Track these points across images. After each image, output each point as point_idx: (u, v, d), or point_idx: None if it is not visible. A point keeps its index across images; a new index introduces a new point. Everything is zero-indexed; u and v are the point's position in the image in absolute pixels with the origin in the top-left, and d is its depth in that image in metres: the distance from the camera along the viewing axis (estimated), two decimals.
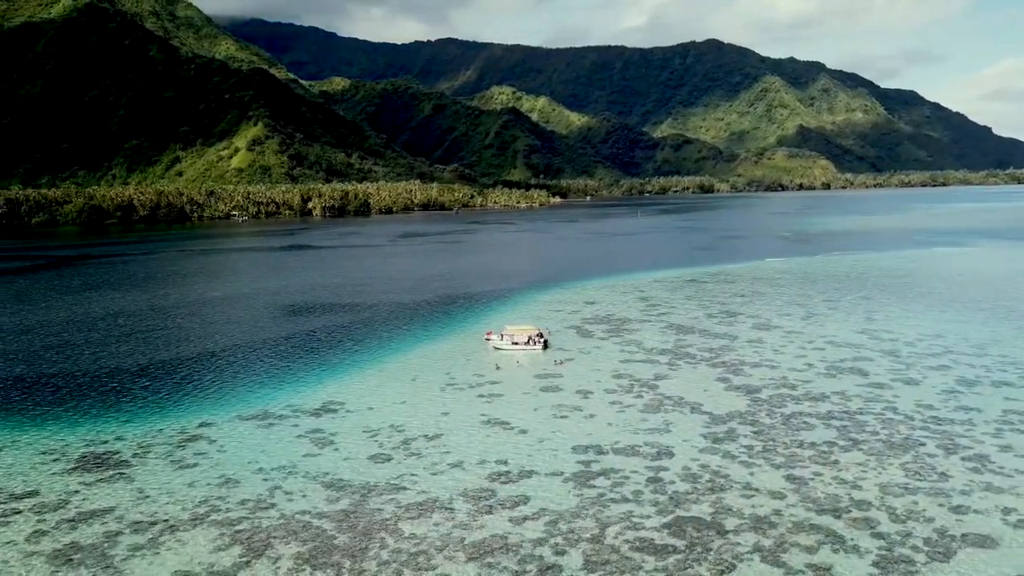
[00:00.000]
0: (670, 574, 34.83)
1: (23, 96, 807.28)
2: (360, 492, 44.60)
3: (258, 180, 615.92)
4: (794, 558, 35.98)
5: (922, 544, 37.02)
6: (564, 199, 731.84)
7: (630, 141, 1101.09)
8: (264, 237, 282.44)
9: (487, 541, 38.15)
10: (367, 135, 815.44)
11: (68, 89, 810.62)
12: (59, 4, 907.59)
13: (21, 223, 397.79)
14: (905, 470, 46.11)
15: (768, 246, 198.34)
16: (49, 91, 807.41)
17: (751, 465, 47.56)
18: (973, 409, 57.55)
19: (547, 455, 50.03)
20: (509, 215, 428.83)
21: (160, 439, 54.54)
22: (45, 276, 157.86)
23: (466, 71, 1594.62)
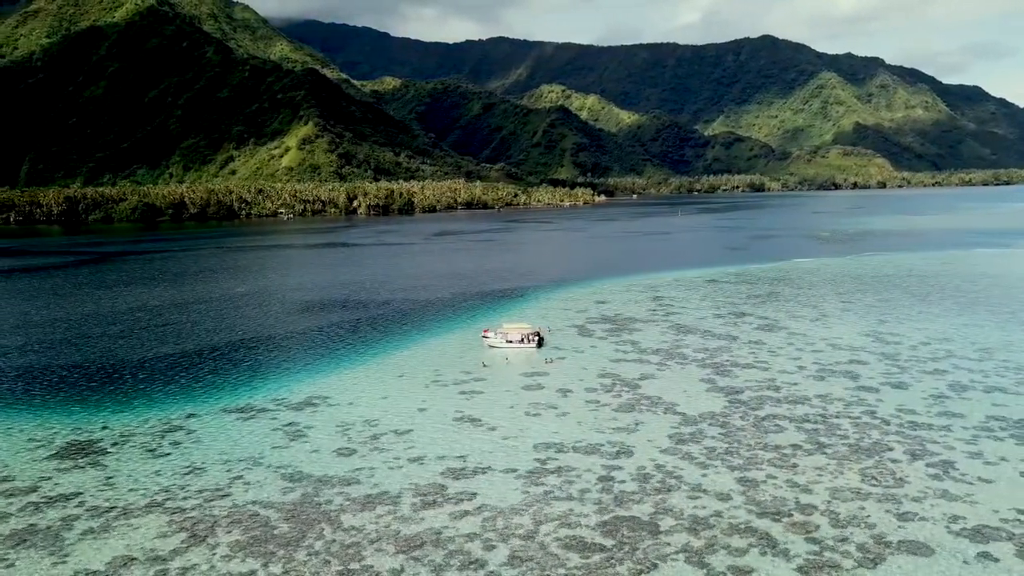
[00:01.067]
0: (590, 572, 35.05)
1: (87, 97, 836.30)
2: (315, 484, 45.73)
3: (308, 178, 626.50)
4: (719, 560, 35.85)
5: (854, 550, 36.51)
6: (611, 197, 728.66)
7: (680, 139, 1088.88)
8: (303, 235, 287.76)
9: (420, 535, 38.86)
10: (415, 134, 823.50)
11: (129, 90, 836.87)
12: (123, 8, 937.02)
13: (79, 220, 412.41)
14: (862, 475, 45.36)
15: (800, 246, 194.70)
16: (111, 92, 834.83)
17: (707, 466, 47.32)
18: (955, 415, 56.12)
19: (507, 452, 50.49)
20: (550, 214, 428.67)
21: (143, 429, 56.58)
22: (84, 271, 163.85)
23: (517, 70, 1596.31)
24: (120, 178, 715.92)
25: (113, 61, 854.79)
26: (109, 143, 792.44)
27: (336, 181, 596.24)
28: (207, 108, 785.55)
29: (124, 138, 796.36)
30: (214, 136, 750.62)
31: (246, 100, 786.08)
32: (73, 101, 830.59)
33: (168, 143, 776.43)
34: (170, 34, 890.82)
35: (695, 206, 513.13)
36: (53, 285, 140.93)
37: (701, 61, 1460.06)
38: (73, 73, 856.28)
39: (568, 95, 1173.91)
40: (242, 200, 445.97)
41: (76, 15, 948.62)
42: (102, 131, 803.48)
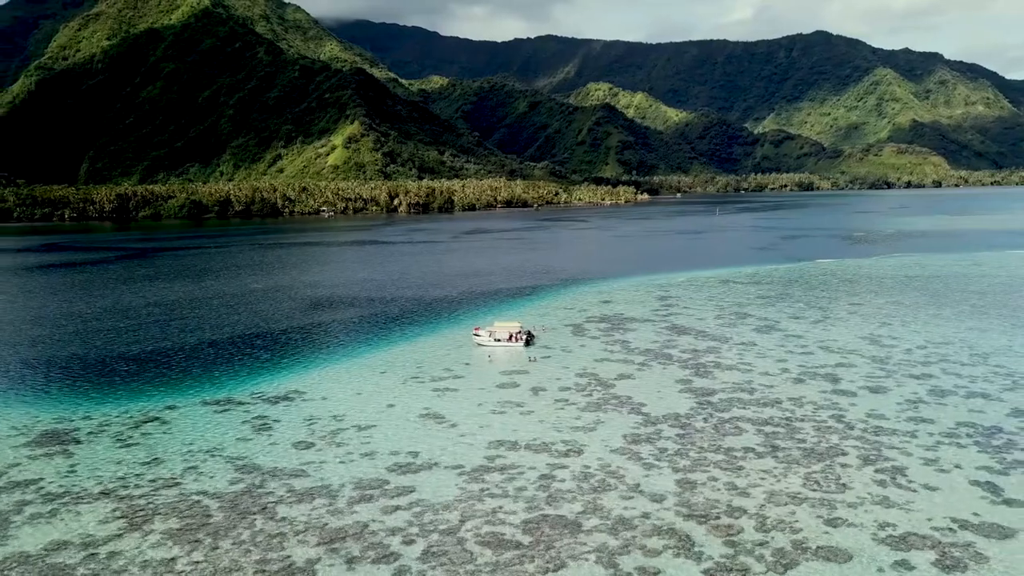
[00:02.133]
0: (498, 568, 35.46)
1: (143, 97, 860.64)
2: (263, 476, 46.96)
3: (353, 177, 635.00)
4: (629, 560, 35.91)
5: (769, 555, 36.20)
6: (655, 196, 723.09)
7: (728, 137, 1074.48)
8: (337, 232, 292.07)
9: (346, 528, 39.71)
10: (460, 133, 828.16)
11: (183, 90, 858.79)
12: (179, 10, 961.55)
13: (129, 217, 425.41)
14: (806, 480, 44.79)
15: (827, 246, 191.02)
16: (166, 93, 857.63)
17: (651, 467, 47.23)
18: (925, 421, 54.89)
19: (461, 449, 51.06)
20: (588, 212, 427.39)
21: (120, 420, 58.62)
22: (116, 266, 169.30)
23: (565, 68, 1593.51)
24: (174, 176, 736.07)
25: (169, 62, 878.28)
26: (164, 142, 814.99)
27: (380, 179, 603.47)
28: (257, 108, 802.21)
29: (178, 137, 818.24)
30: (263, 135, 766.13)
31: (295, 100, 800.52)
32: (130, 101, 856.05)
33: (219, 142, 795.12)
34: (223, 35, 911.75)
35: (737, 205, 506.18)
36: (82, 279, 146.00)
37: (752, 58, 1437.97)
38: (131, 74, 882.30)
39: (615, 93, 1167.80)
40: (286, 198, 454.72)
41: (135, 18, 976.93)
42: (157, 130, 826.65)
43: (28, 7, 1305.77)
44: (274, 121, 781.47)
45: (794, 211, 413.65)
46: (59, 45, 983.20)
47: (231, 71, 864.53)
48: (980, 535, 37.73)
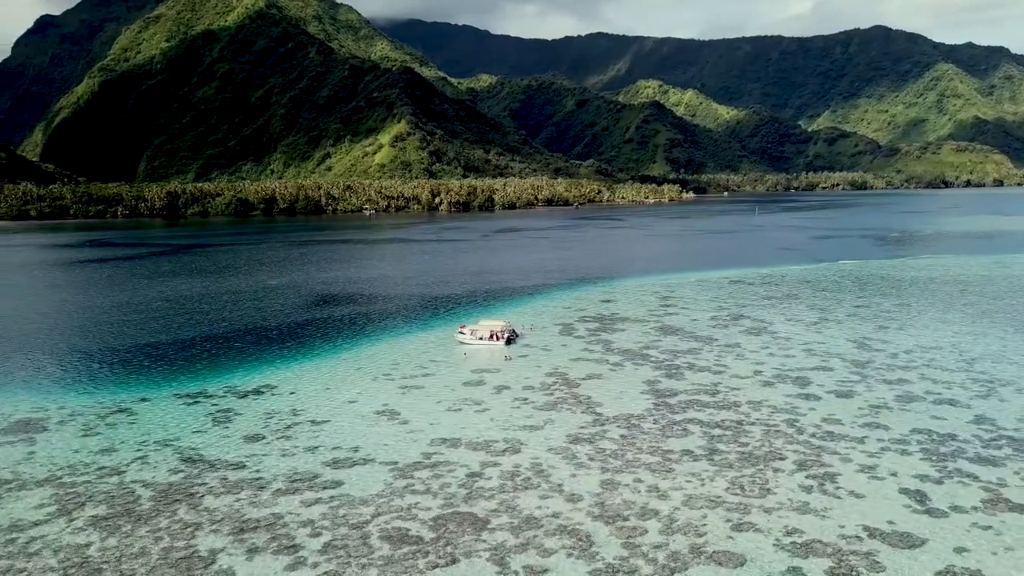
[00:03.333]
0: (390, 562, 36.11)
1: (199, 98, 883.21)
2: (203, 467, 48.43)
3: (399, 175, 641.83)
4: (521, 559, 36.18)
5: (662, 558, 36.12)
6: (701, 194, 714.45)
7: (780, 135, 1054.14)
8: (372, 230, 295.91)
9: (261, 519, 40.79)
10: (506, 131, 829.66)
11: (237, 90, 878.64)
12: (234, 12, 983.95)
13: (178, 214, 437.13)
14: (731, 484, 44.39)
15: (856, 247, 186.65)
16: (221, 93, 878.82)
17: (582, 467, 47.31)
18: (880, 427, 53.75)
19: (402, 445, 51.83)
20: (629, 211, 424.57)
21: (92, 410, 60.85)
22: (145, 262, 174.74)
23: (615, 65, 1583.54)
24: (227, 174, 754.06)
25: (223, 63, 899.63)
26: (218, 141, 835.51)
27: (426, 178, 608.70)
28: (307, 107, 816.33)
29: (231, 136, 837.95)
30: (313, 134, 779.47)
31: (344, 99, 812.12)
32: (187, 101, 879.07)
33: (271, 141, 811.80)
34: (276, 36, 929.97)
35: (782, 205, 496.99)
36: (109, 275, 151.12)
37: (807, 54, 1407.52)
38: (188, 75, 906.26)
39: (665, 90, 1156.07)
40: (329, 196, 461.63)
41: (192, 19, 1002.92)
42: (212, 130, 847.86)
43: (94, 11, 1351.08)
44: (324, 120, 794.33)
45: (838, 211, 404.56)
46: (121, 47, 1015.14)
47: (283, 71, 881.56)
48: (886, 544, 37.00)
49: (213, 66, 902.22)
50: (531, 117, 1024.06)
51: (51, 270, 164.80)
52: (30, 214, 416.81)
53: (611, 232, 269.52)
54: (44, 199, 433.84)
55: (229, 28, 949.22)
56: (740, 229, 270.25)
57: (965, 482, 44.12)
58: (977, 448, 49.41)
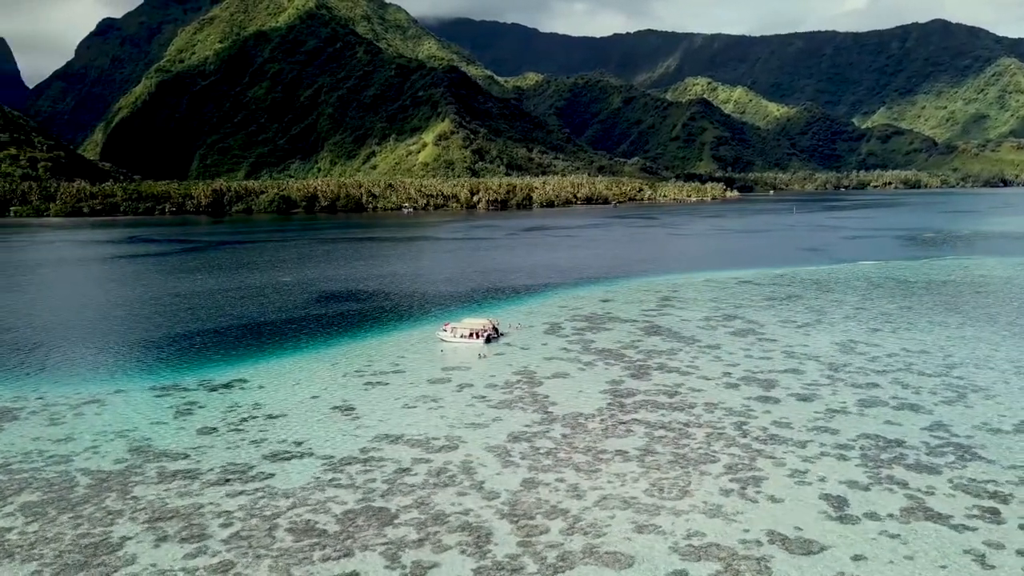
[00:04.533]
0: (286, 554, 36.98)
1: (250, 97, 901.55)
2: (149, 457, 50.03)
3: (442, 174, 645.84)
4: (413, 555, 36.69)
5: (552, 557, 36.24)
6: (747, 193, 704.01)
7: (832, 133, 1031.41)
8: (404, 228, 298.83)
9: (181, 508, 42.09)
10: (550, 129, 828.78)
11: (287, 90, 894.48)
12: (285, 13, 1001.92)
13: (223, 211, 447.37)
14: (651, 485, 44.23)
15: (883, 247, 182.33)
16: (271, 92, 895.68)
17: (510, 465, 47.61)
18: (828, 431, 52.85)
19: (344, 440, 52.74)
20: (667, 209, 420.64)
21: (66, 401, 63.17)
22: (172, 257, 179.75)
23: (664, 62, 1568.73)
24: (276, 172, 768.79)
25: (274, 63, 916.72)
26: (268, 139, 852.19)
27: (468, 176, 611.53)
28: (354, 106, 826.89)
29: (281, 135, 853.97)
30: (359, 133, 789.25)
31: (390, 98, 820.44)
32: (238, 101, 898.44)
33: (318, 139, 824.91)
34: (325, 36, 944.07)
35: (826, 204, 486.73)
36: (135, 270, 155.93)
37: (862, 49, 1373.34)
38: (240, 75, 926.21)
39: (714, 88, 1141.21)
40: (370, 194, 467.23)
41: (245, 21, 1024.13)
42: (262, 129, 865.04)
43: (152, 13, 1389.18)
44: (370, 119, 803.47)
45: (881, 210, 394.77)
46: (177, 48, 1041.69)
47: (331, 71, 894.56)
48: (784, 550, 36.57)
49: (264, 66, 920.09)
50: (577, 115, 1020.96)
51: (75, 266, 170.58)
52: (83, 211, 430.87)
53: (638, 231, 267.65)
54: (96, 197, 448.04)
55: (280, 29, 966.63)
56: (771, 229, 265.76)
57: (892, 489, 43.20)
58: (919, 455, 48.27)
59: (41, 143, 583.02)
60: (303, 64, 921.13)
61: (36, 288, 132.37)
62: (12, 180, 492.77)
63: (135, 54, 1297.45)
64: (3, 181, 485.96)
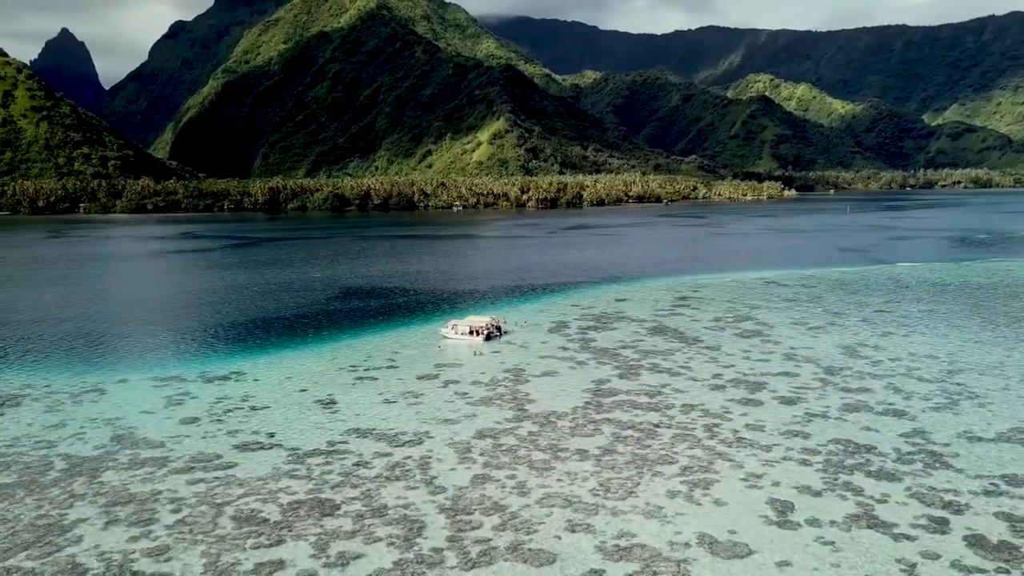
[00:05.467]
0: (222, 540, 38.14)
1: (311, 97, 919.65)
2: (125, 445, 52.03)
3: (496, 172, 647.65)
4: (342, 545, 37.46)
5: (476, 552, 36.59)
6: (806, 192, 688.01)
7: (899, 130, 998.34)
8: (448, 226, 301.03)
9: (138, 494, 43.74)
10: (606, 127, 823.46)
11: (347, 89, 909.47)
12: (347, 14, 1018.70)
13: (279, 208, 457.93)
14: (600, 485, 44.15)
15: (928, 248, 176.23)
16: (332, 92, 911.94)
17: (467, 461, 48.05)
18: (799, 435, 51.84)
19: (316, 433, 53.90)
20: (719, 208, 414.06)
21: (70, 388, 66.06)
22: (213, 254, 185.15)
23: (727, 59, 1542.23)
24: (335, 171, 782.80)
25: (335, 63, 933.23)
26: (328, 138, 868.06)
27: (522, 175, 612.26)
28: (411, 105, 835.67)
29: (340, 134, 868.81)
30: (415, 132, 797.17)
31: (447, 97, 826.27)
32: (300, 101, 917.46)
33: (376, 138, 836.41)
34: (385, 36, 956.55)
35: (886, 203, 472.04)
36: (177, 264, 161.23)
37: (933, 43, 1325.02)
38: (302, 75, 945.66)
39: (776, 84, 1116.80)
40: (422, 192, 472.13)
41: (308, 22, 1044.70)
42: (322, 128, 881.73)
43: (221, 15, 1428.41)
44: (427, 118, 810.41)
45: (942, 210, 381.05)
46: (243, 49, 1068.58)
47: (390, 70, 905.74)
48: (710, 553, 36.20)
49: (325, 66, 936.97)
50: (634, 113, 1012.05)
51: (117, 261, 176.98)
52: (147, 208, 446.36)
53: (680, 230, 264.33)
54: (159, 194, 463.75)
55: (342, 29, 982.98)
56: (818, 229, 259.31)
57: (845, 496, 42.21)
58: (885, 462, 46.98)
59: (111, 142, 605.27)
60: (363, 64, 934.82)
61: (73, 282, 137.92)
62: (84, 178, 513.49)
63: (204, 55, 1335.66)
64: (75, 179, 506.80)
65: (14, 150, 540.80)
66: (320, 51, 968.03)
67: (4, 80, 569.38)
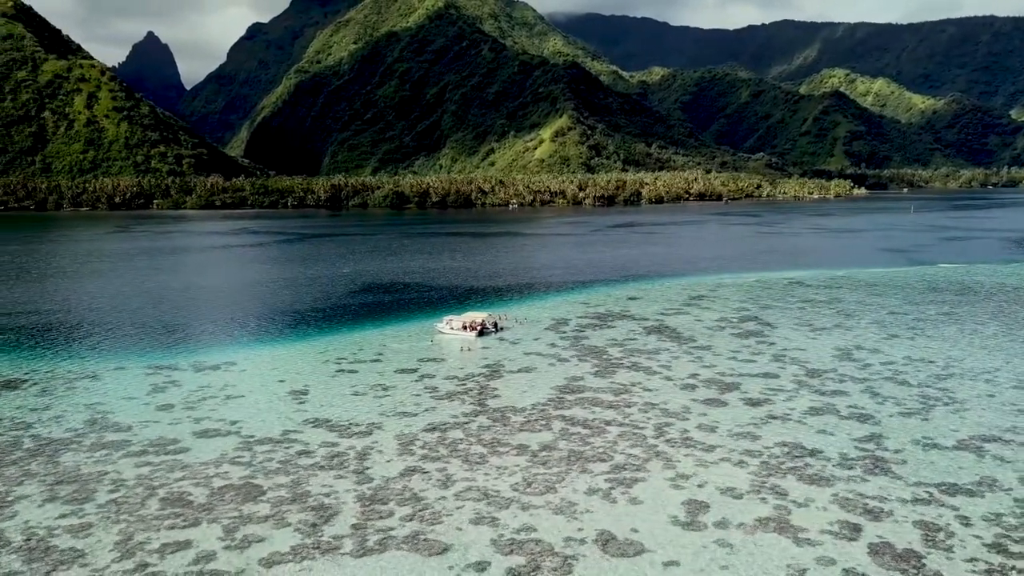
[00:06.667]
0: (142, 519, 39.98)
1: (379, 96, 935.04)
2: (96, 428, 54.63)
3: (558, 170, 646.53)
4: (250, 529, 38.74)
5: (374, 541, 37.40)
6: (878, 191, 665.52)
7: (983, 126, 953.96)
8: (497, 224, 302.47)
9: (85, 475, 46.06)
10: (672, 124, 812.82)
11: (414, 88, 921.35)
12: (416, 13, 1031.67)
13: (340, 205, 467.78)
14: (524, 479, 44.45)
15: (977, 249, 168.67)
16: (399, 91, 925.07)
17: (407, 454, 48.91)
18: (747, 437, 50.98)
19: (277, 422, 55.57)
20: (779, 207, 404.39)
21: (68, 374, 69.53)
22: (261, 249, 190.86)
23: (801, 54, 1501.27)
24: (401, 168, 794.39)
25: (403, 62, 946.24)
26: (394, 137, 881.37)
27: (583, 172, 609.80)
28: (476, 103, 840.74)
29: (407, 132, 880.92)
30: (479, 130, 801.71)
31: (512, 95, 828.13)
32: (369, 100, 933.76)
33: (441, 137, 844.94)
34: (452, 35, 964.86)
35: (959, 203, 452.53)
36: (210, 260, 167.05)
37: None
38: (371, 74, 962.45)
39: (852, 79, 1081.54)
40: (479, 190, 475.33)
41: (378, 22, 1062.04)
42: (389, 126, 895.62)
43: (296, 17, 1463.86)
44: (491, 116, 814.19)
45: (1015, 210, 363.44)
46: (315, 50, 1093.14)
47: (456, 69, 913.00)
48: (601, 550, 36.20)
49: (393, 65, 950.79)
50: (702, 110, 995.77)
51: (165, 255, 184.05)
52: (216, 204, 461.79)
53: (727, 228, 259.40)
54: (227, 191, 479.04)
55: (410, 29, 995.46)
56: (872, 228, 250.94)
57: (766, 499, 41.47)
58: (825, 467, 45.85)
59: (186, 141, 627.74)
60: (430, 63, 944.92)
61: (116, 274, 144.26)
62: (159, 175, 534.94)
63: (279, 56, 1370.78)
64: (151, 176, 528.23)
65: (96, 149, 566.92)
66: (389, 50, 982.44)
67: (88, 82, 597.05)
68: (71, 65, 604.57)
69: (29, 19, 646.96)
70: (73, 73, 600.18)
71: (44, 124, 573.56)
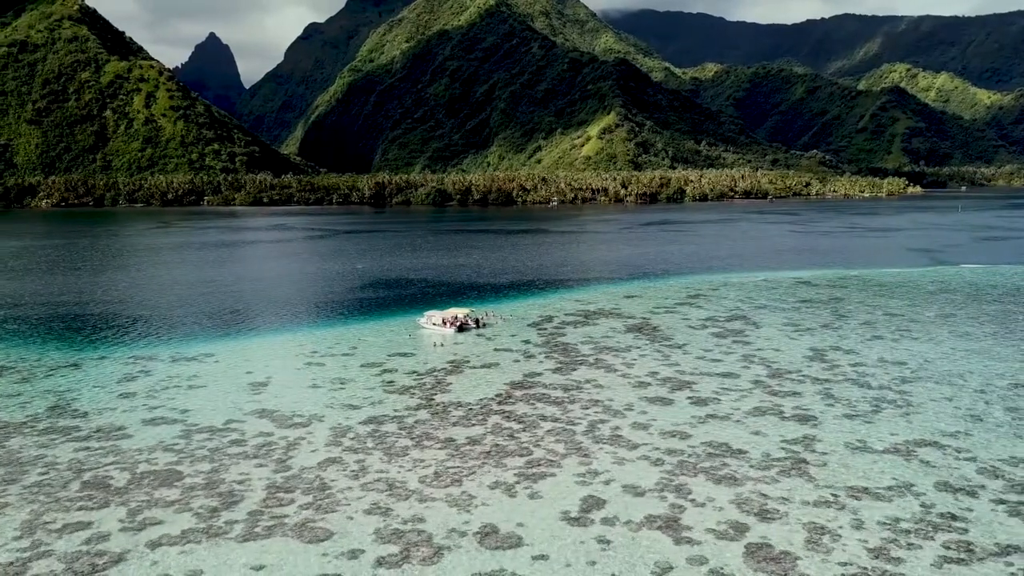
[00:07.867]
0: (57, 501, 41.76)
1: (430, 94, 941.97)
2: (55, 414, 57.05)
3: (604, 167, 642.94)
4: (152, 513, 40.14)
5: (262, 527, 38.39)
6: (936, 189, 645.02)
7: None
8: (531, 221, 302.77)
9: (25, 457, 48.23)
10: (722, 121, 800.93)
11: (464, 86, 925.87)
12: (467, 12, 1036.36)
13: (384, 203, 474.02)
14: (434, 472, 44.95)
15: (1008, 250, 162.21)
16: (449, 89, 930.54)
17: (333, 445, 49.83)
18: (677, 436, 50.55)
19: (225, 412, 57.11)
20: (825, 205, 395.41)
21: (49, 363, 72.49)
22: (287, 244, 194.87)
23: (862, 48, 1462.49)
24: (450, 167, 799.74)
25: (454, 60, 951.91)
26: (444, 134, 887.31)
27: (631, 169, 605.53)
28: (525, 101, 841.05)
29: (456, 130, 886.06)
30: (527, 127, 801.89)
31: (561, 92, 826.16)
32: (420, 97, 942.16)
33: (490, 134, 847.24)
34: (503, 33, 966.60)
35: (1015, 202, 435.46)
36: (233, 255, 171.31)
37: None
38: (422, 72, 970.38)
39: (913, 75, 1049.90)
40: (521, 188, 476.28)
41: (430, 21, 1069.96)
42: (439, 124, 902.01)
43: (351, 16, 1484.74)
44: (539, 113, 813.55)
45: None
46: (368, 49, 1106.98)
47: (506, 67, 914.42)
48: (477, 542, 36.45)
49: (444, 63, 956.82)
50: (756, 106, 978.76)
51: (193, 250, 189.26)
52: (263, 201, 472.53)
53: (758, 227, 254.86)
54: (275, 188, 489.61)
55: (461, 27, 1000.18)
56: (909, 227, 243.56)
57: (664, 498, 41.13)
58: (740, 467, 45.20)
59: (240, 139, 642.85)
60: (480, 60, 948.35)
61: (138, 268, 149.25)
62: (212, 173, 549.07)
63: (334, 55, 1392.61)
64: (204, 173, 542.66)
65: (154, 147, 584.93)
66: (440, 49, 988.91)
67: (147, 82, 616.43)
68: (131, 66, 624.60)
69: (93, 22, 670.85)
70: (133, 74, 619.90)
71: (105, 123, 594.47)
